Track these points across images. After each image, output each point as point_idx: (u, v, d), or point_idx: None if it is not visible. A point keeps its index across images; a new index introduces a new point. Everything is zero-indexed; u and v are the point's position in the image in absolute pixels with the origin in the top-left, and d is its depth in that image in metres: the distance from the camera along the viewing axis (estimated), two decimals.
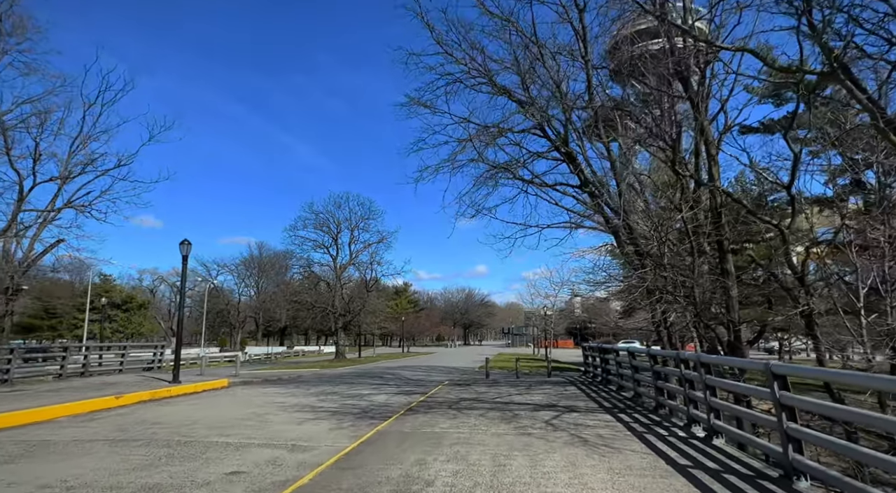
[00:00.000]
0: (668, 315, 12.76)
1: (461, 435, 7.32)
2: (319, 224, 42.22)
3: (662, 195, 15.60)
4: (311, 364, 33.95)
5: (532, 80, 12.86)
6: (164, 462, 6.06)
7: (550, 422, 8.39)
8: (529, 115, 12.76)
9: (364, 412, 10.40)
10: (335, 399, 12.55)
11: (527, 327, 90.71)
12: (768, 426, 5.16)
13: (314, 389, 15.18)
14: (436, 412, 9.82)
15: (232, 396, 13.55)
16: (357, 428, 8.41)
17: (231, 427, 8.56)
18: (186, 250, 15.55)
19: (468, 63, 12.76)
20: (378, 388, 15.39)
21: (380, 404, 11.58)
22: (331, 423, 9.08)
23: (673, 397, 8.33)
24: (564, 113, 12.88)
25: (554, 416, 9.05)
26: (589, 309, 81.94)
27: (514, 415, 9.22)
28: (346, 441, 7.32)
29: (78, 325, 67.61)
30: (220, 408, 11.03)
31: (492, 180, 15.49)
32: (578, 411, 9.67)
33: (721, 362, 7.10)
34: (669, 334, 13.15)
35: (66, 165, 14.84)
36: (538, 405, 10.55)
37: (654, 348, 10.07)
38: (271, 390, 14.75)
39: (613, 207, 13.06)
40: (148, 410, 10.73)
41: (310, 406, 11.30)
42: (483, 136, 13.45)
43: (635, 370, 10.79)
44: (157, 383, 15.24)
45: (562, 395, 12.54)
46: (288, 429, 8.45)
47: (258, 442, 7.35)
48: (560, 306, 65.94)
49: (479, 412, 9.75)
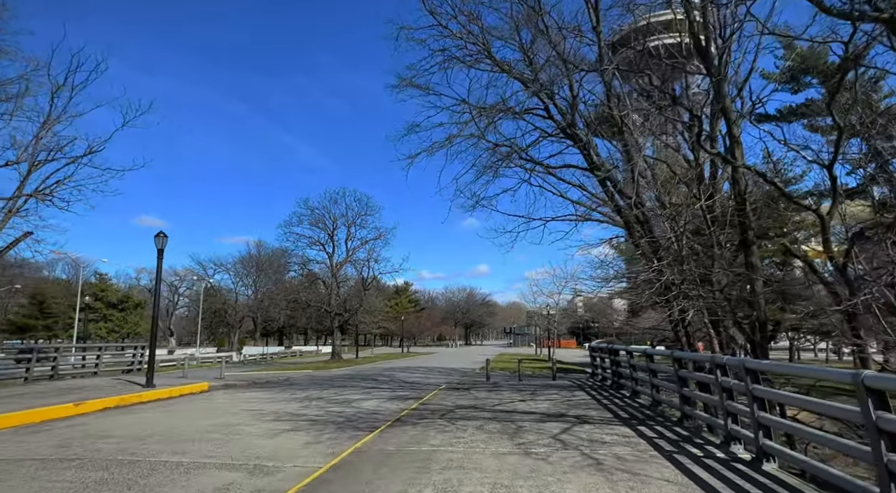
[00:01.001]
0: (687, 314, 11.55)
1: (454, 456, 6.12)
2: (315, 220, 41.00)
3: (676, 187, 14.38)
4: (305, 365, 32.80)
5: (535, 53, 11.66)
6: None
7: (560, 437, 7.19)
8: (532, 92, 11.56)
9: (348, 421, 9.24)
10: (320, 406, 11.39)
11: (528, 326, 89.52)
12: (856, 457, 3.97)
13: (300, 393, 14.02)
14: (428, 424, 8.63)
15: (209, 401, 12.40)
16: (336, 443, 7.26)
17: (191, 442, 7.40)
18: (162, 244, 14.41)
19: (464, 37, 11.57)
20: (369, 392, 14.22)
21: (368, 411, 10.42)
22: (308, 435, 7.93)
23: (710, 409, 7.06)
24: (571, 91, 11.70)
25: (563, 429, 7.86)
26: (592, 308, 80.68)
27: (517, 428, 8.02)
28: (319, 461, 6.16)
29: (73, 324, 66.71)
30: (188, 417, 9.88)
31: (491, 170, 14.32)
32: (591, 422, 8.46)
33: (777, 369, 5.89)
34: (688, 335, 11.95)
35: (29, 149, 13.72)
36: (545, 415, 9.35)
37: (681, 352, 8.88)
38: (253, 395, 13.60)
39: (627, 192, 11.86)
40: (106, 419, 9.57)
41: (290, 414, 10.14)
42: (482, 117, 12.29)
43: (653, 375, 9.60)
44: (130, 387, 14.10)
45: (570, 402, 11.34)
46: (257, 444, 7.29)
47: (216, 462, 6.19)
48: (563, 305, 64.82)
49: (478, 423, 8.56)
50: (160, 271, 14.42)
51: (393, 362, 34.38)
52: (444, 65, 11.87)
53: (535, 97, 11.91)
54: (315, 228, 41.20)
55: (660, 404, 9.54)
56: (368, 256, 42.50)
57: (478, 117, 12.19)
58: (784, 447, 5.19)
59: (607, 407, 10.18)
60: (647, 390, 10.14)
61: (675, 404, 8.62)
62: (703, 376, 6.82)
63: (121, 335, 77.21)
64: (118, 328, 73.27)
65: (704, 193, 12.71)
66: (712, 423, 6.71)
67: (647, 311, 33.02)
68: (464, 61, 12.19)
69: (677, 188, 14.06)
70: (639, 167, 12.83)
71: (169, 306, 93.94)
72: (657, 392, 9.60)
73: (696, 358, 7.34)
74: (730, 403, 6.03)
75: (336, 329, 41.85)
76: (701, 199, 12.45)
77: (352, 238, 41.87)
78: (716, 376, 6.17)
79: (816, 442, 5.23)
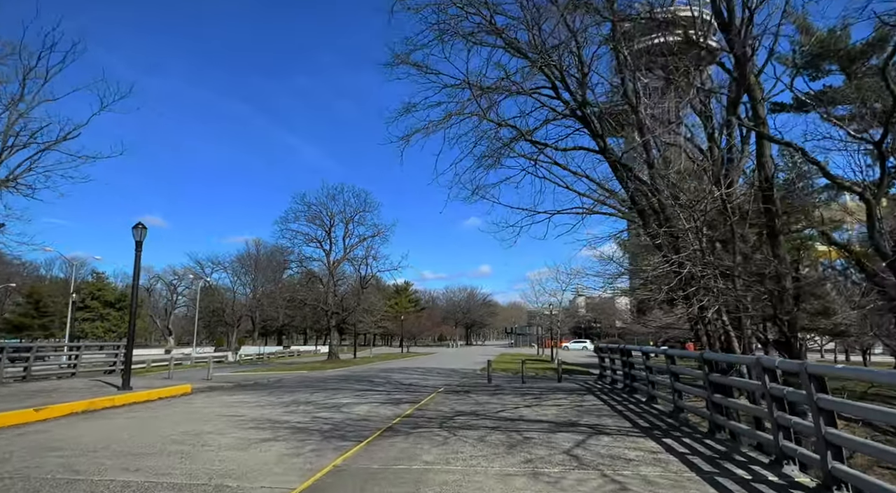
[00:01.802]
0: (708, 311, 10.55)
1: (451, 478, 5.12)
2: (312, 217, 39.92)
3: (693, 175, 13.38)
4: (301, 366, 31.83)
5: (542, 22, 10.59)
6: None
7: (574, 453, 6.18)
8: (539, 67, 10.53)
9: (335, 429, 8.27)
10: (307, 411, 10.42)
11: (530, 326, 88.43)
12: None
13: (288, 396, 13.05)
14: (422, 434, 7.64)
15: (187, 406, 11.44)
16: (316, 457, 6.29)
17: (150, 455, 6.44)
18: (140, 235, 13.43)
19: (465, 6, 10.55)
20: (362, 395, 13.24)
21: (358, 418, 9.44)
22: (287, 446, 6.97)
23: (761, 426, 5.97)
24: (581, 68, 10.68)
25: (577, 442, 6.85)
26: (594, 308, 79.70)
27: (523, 440, 7.01)
28: (293, 481, 5.20)
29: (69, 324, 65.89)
30: (157, 424, 8.91)
31: (492, 158, 13.33)
32: (608, 433, 7.45)
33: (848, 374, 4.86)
34: (708, 334, 10.94)
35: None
36: (554, 424, 8.35)
37: (712, 353, 7.88)
38: (237, 399, 12.64)
39: (642, 177, 10.87)
40: (66, 427, 8.61)
41: (271, 421, 9.17)
42: (484, 98, 11.29)
43: (675, 378, 8.59)
44: (106, 389, 13.13)
45: (580, 408, 10.33)
46: (226, 457, 6.32)
47: (170, 482, 5.22)
48: (565, 304, 63.73)
49: (479, 433, 7.56)
50: (138, 264, 13.45)
51: (391, 363, 33.37)
52: (443, 39, 10.85)
53: (541, 73, 10.89)
54: (312, 224, 40.17)
55: (682, 412, 8.54)
56: (366, 253, 41.51)
57: (479, 98, 11.22)
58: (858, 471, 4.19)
59: (623, 414, 9.18)
60: (668, 395, 9.14)
61: (702, 413, 7.62)
62: (744, 383, 5.81)
63: (118, 335, 76.16)
64: (115, 328, 72.28)
65: (725, 181, 11.73)
66: (757, 438, 5.69)
67: (652, 310, 31.95)
68: (464, 37, 11.19)
69: (694, 176, 13.08)
70: (653, 153, 11.84)
71: (167, 305, 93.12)
72: (679, 398, 8.59)
73: (734, 360, 6.33)
74: (781, 414, 5.03)
75: (333, 329, 40.83)
76: (722, 186, 11.46)
77: (349, 235, 40.87)
78: (763, 381, 5.17)
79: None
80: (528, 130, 11.94)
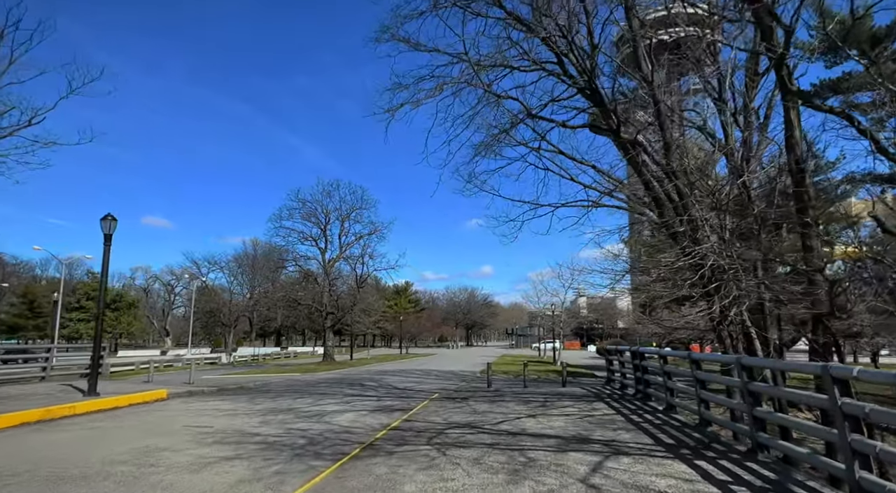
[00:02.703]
0: (730, 309, 9.44)
1: None
2: (307, 214, 38.70)
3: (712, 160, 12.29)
4: (294, 368, 30.72)
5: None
6: None
7: (592, 482, 5.06)
8: (542, 38, 9.42)
9: (310, 444, 7.21)
10: (284, 421, 9.34)
11: (531, 327, 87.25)
12: None
13: (269, 403, 11.98)
14: (408, 452, 6.54)
15: (153, 414, 10.36)
16: (279, 482, 5.24)
17: (83, 480, 5.39)
18: (109, 228, 12.37)
19: None
20: (350, 402, 12.15)
21: (339, 429, 8.36)
22: (249, 467, 5.91)
23: (832, 451, 4.86)
24: (591, 38, 9.57)
25: (593, 465, 5.73)
26: (596, 309, 78.47)
27: (528, 462, 5.90)
28: None
29: (64, 324, 64.92)
30: (110, 438, 7.84)
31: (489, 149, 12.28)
32: (627, 452, 6.33)
33: None
34: (731, 335, 9.84)
35: None
36: (563, 439, 7.23)
37: (748, 357, 6.78)
38: (213, 405, 11.57)
39: (658, 161, 9.79)
40: (6, 440, 7.54)
41: (242, 433, 8.10)
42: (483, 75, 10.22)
43: (701, 386, 7.48)
44: (71, 395, 12.06)
45: (591, 418, 9.20)
46: (171, 483, 5.26)
47: None
48: (567, 305, 62.48)
49: (475, 452, 6.45)
50: (107, 259, 12.37)
51: (387, 365, 32.26)
52: (438, 4, 9.72)
53: (545, 45, 9.82)
54: (307, 222, 38.96)
55: (710, 425, 7.43)
56: (363, 251, 40.38)
57: (479, 73, 10.11)
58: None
59: (640, 427, 8.06)
60: (692, 404, 8.03)
61: (737, 428, 6.51)
62: (790, 393, 4.70)
63: (113, 335, 75.34)
64: (111, 328, 71.32)
65: (747, 166, 10.64)
66: (825, 467, 4.53)
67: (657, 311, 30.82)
68: (462, 7, 10.10)
69: (713, 163, 11.99)
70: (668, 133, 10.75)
71: (165, 306, 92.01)
72: (706, 409, 7.49)
73: (764, 365, 5.19)
74: (857, 438, 3.93)
75: (328, 329, 39.70)
76: (745, 171, 10.37)
77: (345, 233, 39.75)
78: (833, 396, 4.08)
79: None
80: (532, 110, 10.82)
